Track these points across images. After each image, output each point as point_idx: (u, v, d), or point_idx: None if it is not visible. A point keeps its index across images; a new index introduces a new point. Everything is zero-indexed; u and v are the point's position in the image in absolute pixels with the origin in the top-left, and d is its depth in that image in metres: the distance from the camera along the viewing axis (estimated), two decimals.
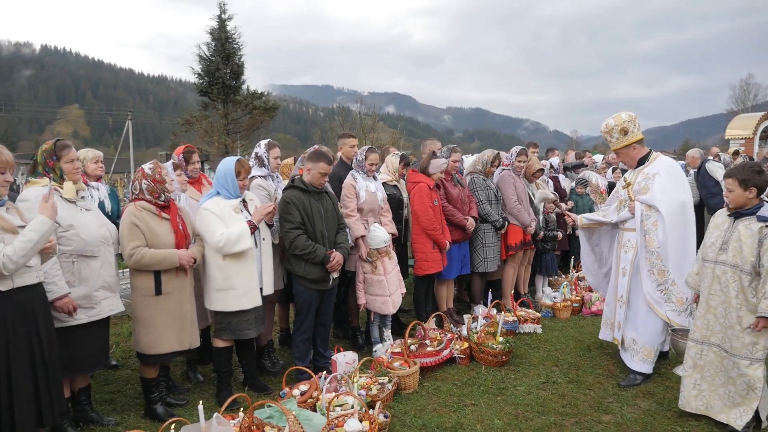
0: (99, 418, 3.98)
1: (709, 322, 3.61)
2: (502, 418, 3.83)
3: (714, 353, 3.60)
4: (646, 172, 4.46)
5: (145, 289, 3.87)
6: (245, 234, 4.02)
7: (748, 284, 3.39)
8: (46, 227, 2.99)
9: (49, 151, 3.58)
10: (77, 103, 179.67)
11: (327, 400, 3.75)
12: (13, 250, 2.85)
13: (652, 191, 4.33)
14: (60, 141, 3.65)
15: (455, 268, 5.69)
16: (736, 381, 3.49)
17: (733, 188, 3.47)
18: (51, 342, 3.21)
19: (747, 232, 3.40)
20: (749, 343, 3.41)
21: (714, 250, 3.58)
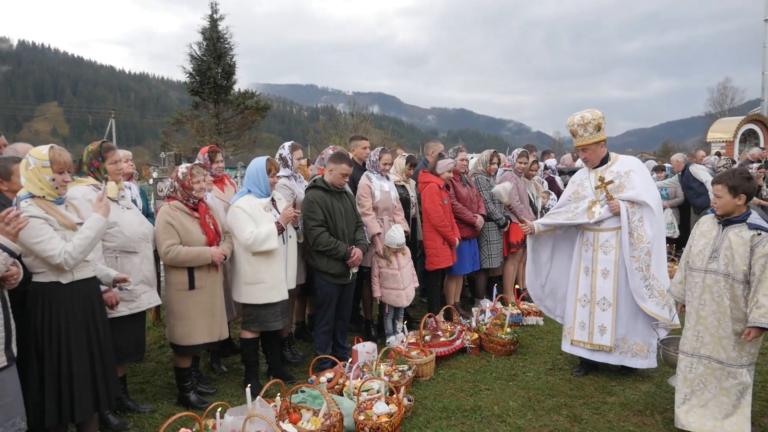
0: (135, 406, 4.21)
1: (699, 333, 3.52)
2: (516, 401, 4.14)
3: (704, 366, 3.51)
4: (616, 171, 4.40)
5: (179, 284, 4.10)
6: (273, 234, 4.26)
7: (741, 293, 3.34)
8: (101, 224, 3.19)
9: (95, 152, 3.79)
10: (56, 100, 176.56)
11: (355, 386, 4.03)
12: (73, 247, 3.06)
13: (633, 188, 4.28)
14: (105, 143, 3.86)
15: (467, 265, 5.99)
16: (730, 391, 3.42)
17: (722, 194, 3.40)
18: (106, 331, 3.41)
19: (738, 240, 3.34)
20: (743, 351, 3.39)
21: (703, 259, 3.49)
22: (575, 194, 4.62)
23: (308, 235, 4.60)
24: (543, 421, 3.84)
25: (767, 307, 3.17)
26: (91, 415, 3.34)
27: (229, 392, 4.51)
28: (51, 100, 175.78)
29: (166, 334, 4.36)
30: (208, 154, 5.08)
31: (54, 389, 3.09)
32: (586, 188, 4.55)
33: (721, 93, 53.94)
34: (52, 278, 3.10)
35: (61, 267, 3.05)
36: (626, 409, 3.98)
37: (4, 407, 2.72)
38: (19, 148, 4.07)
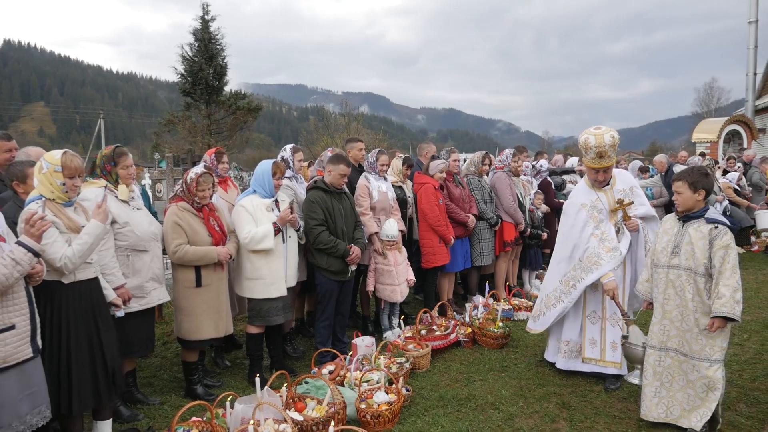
0: (144, 399, 4.39)
1: (665, 327, 3.62)
2: (508, 390, 4.37)
3: (671, 358, 3.61)
4: (622, 189, 4.39)
5: (186, 282, 4.29)
6: (269, 235, 4.46)
7: (703, 286, 3.43)
8: (99, 230, 3.34)
9: (108, 157, 3.97)
10: (43, 100, 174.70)
11: (355, 377, 4.24)
12: (72, 252, 3.20)
13: (642, 204, 4.37)
14: (119, 148, 4.04)
15: (459, 263, 6.22)
16: (696, 384, 3.50)
17: (683, 191, 3.50)
18: (108, 328, 3.53)
19: (698, 234, 3.44)
20: (707, 344, 3.44)
21: (666, 255, 3.59)
22: (594, 218, 4.36)
23: (309, 234, 4.80)
24: (534, 408, 4.07)
25: (727, 297, 3.28)
26: (90, 408, 3.48)
27: (233, 385, 4.69)
28: (37, 100, 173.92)
29: (174, 330, 4.54)
30: (214, 155, 5.27)
31: (54, 382, 3.22)
32: (602, 211, 4.37)
33: (707, 93, 54.76)
34: (54, 277, 3.24)
35: (60, 270, 3.21)
36: (612, 397, 4.22)
37: (31, 396, 2.91)
38: (30, 152, 4.23)
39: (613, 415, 3.91)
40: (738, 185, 9.91)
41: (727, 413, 3.86)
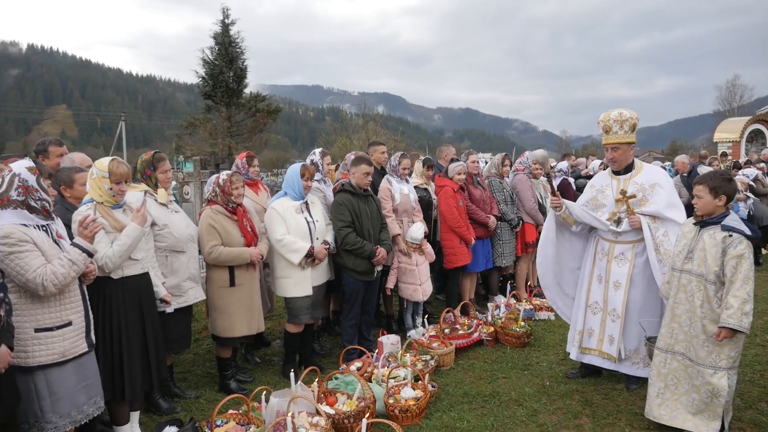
0: (181, 393, 4.60)
1: (674, 331, 3.60)
2: (531, 387, 4.50)
3: (678, 362, 3.58)
4: (640, 183, 4.27)
5: (221, 281, 4.48)
6: (301, 252, 4.64)
7: (713, 294, 3.38)
8: (137, 233, 3.55)
9: (148, 162, 4.18)
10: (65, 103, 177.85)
11: (383, 374, 4.40)
12: (113, 253, 3.44)
13: (655, 203, 4.18)
14: (158, 153, 4.25)
15: (481, 263, 6.35)
16: (700, 389, 3.47)
17: (703, 195, 3.44)
18: (155, 320, 3.82)
19: (711, 241, 3.40)
20: (713, 352, 3.41)
21: (680, 259, 3.57)
22: (594, 200, 4.47)
23: (337, 235, 4.97)
24: (557, 404, 4.19)
25: (735, 308, 3.23)
26: (139, 396, 3.75)
27: (264, 380, 4.87)
28: (60, 103, 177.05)
29: (209, 327, 4.74)
30: (245, 159, 5.47)
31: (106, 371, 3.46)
32: (607, 197, 4.38)
33: (729, 91, 54.02)
34: (104, 273, 3.48)
35: (102, 269, 3.43)
36: (634, 395, 4.31)
37: (87, 387, 3.11)
38: (75, 158, 4.45)
39: (635, 413, 4.01)
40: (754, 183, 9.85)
41: (749, 412, 3.95)
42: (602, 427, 3.84)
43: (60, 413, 2.99)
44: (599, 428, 3.83)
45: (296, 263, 4.67)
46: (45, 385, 2.95)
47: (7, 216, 2.87)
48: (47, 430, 2.96)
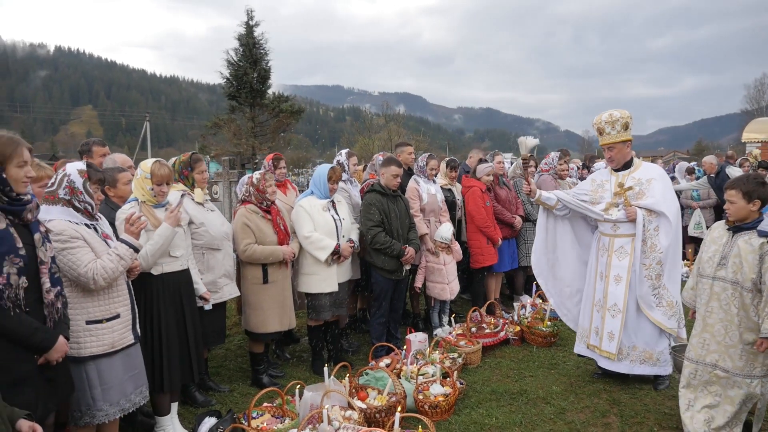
0: (215, 386, 4.75)
1: (705, 341, 3.47)
2: (558, 386, 4.55)
3: (708, 373, 3.46)
4: (637, 178, 4.38)
5: (254, 278, 4.61)
6: (328, 250, 4.76)
7: (750, 301, 3.26)
8: (169, 233, 3.67)
9: (185, 163, 4.33)
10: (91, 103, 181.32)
11: (412, 371, 4.49)
12: (146, 252, 3.57)
13: (652, 196, 4.27)
14: (195, 154, 4.40)
15: (506, 263, 6.40)
16: (735, 400, 3.37)
17: (736, 200, 3.33)
18: (194, 316, 3.96)
19: (747, 247, 3.27)
20: (750, 361, 3.32)
21: (712, 266, 3.43)
22: (593, 192, 4.60)
23: (367, 235, 5.07)
24: (584, 403, 4.24)
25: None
26: (178, 387, 3.90)
27: (295, 375, 4.99)
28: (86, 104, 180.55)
29: (242, 323, 4.88)
30: (272, 161, 5.60)
31: (148, 363, 3.58)
32: (606, 191, 4.53)
33: (758, 89, 52.92)
34: (145, 269, 3.62)
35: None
36: (661, 395, 4.34)
37: (133, 377, 3.26)
38: (117, 158, 4.62)
39: (663, 412, 4.04)
40: None
41: None
42: (630, 426, 3.88)
43: (110, 401, 3.14)
44: (627, 427, 3.87)
45: (323, 260, 4.78)
46: (96, 375, 3.09)
47: (56, 212, 3.02)
48: (98, 417, 3.11)
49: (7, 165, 2.52)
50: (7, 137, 2.55)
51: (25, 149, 2.57)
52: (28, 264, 2.58)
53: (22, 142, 2.60)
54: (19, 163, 2.54)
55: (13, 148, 2.53)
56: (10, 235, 2.53)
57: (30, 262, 2.60)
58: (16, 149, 2.53)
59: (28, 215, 2.62)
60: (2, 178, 2.51)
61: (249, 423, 3.64)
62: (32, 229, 2.64)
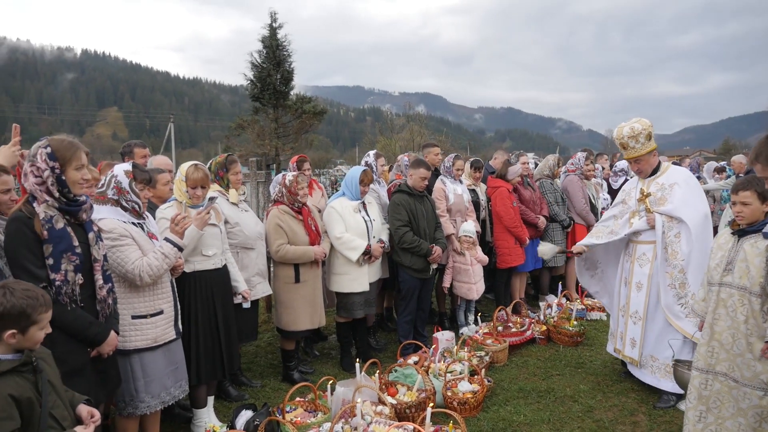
0: (248, 381, 4.89)
1: (714, 350, 3.30)
2: (586, 384, 4.59)
3: (720, 383, 3.25)
4: (660, 183, 4.33)
5: (286, 277, 4.73)
6: (359, 250, 4.87)
7: (759, 307, 3.09)
8: (194, 234, 3.73)
9: (221, 164, 4.47)
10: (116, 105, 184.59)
11: (440, 368, 4.57)
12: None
13: (672, 202, 4.22)
14: (230, 156, 4.53)
15: (530, 263, 6.45)
16: (747, 413, 3.14)
17: (751, 201, 3.17)
18: (227, 313, 4.06)
19: (754, 251, 3.13)
20: (762, 371, 3.08)
21: (718, 272, 3.29)
22: (623, 203, 4.63)
23: (394, 234, 5.16)
24: (612, 402, 4.28)
25: None
26: (214, 380, 4.05)
27: (324, 372, 5.10)
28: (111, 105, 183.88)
29: (274, 321, 5.01)
30: (296, 163, 5.74)
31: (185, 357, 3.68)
32: (631, 198, 4.52)
33: None
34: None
35: None
36: None
37: (175, 371, 3.40)
38: (157, 160, 4.79)
39: None
40: None
41: None
42: (659, 425, 3.91)
43: (151, 393, 3.28)
44: (656, 426, 3.90)
45: (354, 260, 4.89)
46: (140, 368, 3.24)
47: (105, 211, 3.17)
48: (140, 408, 3.26)
49: (67, 168, 2.67)
50: (67, 141, 2.70)
51: (83, 153, 2.73)
52: (83, 261, 2.73)
53: (81, 146, 2.75)
54: (77, 166, 2.69)
55: (72, 152, 2.68)
56: (68, 234, 2.69)
57: (85, 260, 2.75)
58: (75, 153, 2.69)
59: (83, 215, 2.77)
60: (62, 180, 2.66)
61: (283, 416, 3.76)
62: (87, 229, 2.80)
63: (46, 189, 2.67)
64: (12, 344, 2.09)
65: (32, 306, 2.10)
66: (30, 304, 2.09)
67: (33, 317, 2.10)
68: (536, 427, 3.92)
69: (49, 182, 2.66)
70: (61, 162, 2.65)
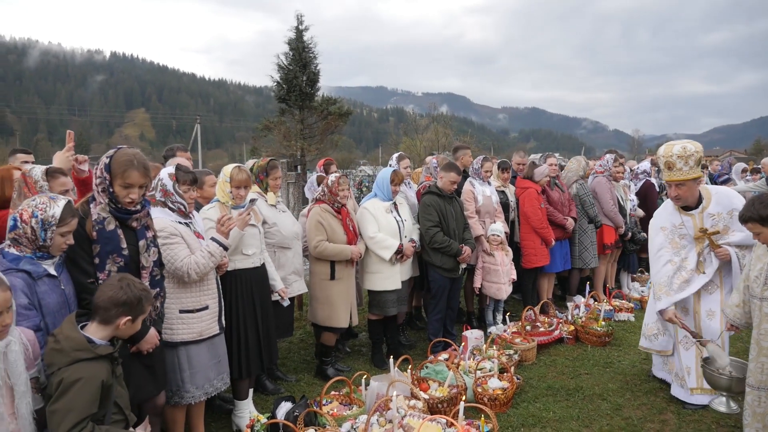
0: (283, 376, 5.07)
1: (763, 365, 3.24)
2: (614, 383, 4.66)
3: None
4: (716, 212, 4.01)
5: (323, 274, 4.90)
6: (392, 249, 5.02)
7: None
8: (236, 234, 3.89)
9: (262, 168, 4.65)
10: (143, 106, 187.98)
11: (470, 365, 4.69)
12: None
13: (742, 230, 3.77)
14: (272, 161, 4.72)
15: (558, 264, 6.52)
16: None
17: (760, 230, 3.16)
18: (266, 309, 4.24)
19: None
20: None
21: (759, 285, 3.24)
22: (673, 243, 4.19)
23: (425, 235, 5.30)
24: (641, 400, 4.34)
25: None
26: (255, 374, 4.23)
27: (356, 368, 5.25)
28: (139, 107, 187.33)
29: (308, 317, 5.18)
30: (323, 166, 5.92)
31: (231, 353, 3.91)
32: (686, 236, 4.13)
33: None
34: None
35: None
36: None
37: (218, 364, 3.59)
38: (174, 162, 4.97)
39: (721, 412, 4.10)
40: None
41: None
42: (688, 424, 3.97)
43: (196, 385, 3.47)
44: (685, 424, 3.96)
45: (387, 259, 5.04)
46: (186, 359, 3.43)
47: (157, 212, 3.36)
48: (186, 398, 3.45)
49: (114, 182, 2.84)
50: (125, 159, 2.85)
51: (135, 172, 2.84)
52: (128, 264, 2.90)
53: (136, 165, 2.85)
54: (123, 184, 2.84)
55: (123, 169, 2.83)
56: (117, 236, 2.87)
57: (131, 263, 2.92)
58: (126, 171, 2.83)
59: (133, 223, 2.95)
60: (110, 192, 2.85)
61: (320, 408, 3.92)
62: (138, 235, 2.97)
63: (99, 193, 2.88)
64: (120, 330, 2.33)
65: (147, 298, 2.38)
66: (146, 296, 2.37)
67: (144, 308, 2.35)
68: (565, 423, 4.02)
69: (100, 189, 2.87)
70: (112, 176, 2.84)
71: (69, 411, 2.22)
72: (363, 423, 3.67)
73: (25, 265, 2.55)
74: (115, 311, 2.39)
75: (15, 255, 2.57)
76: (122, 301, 2.36)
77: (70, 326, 2.35)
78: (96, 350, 2.32)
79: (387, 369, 4.62)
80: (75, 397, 2.23)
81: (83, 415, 2.23)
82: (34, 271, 2.56)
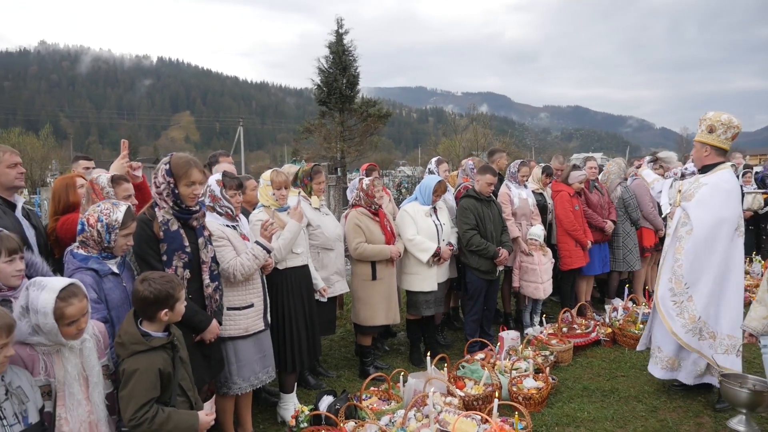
0: (325, 372, 5.29)
1: None
2: (651, 386, 4.69)
3: None
4: (700, 181, 4.28)
5: (364, 275, 5.09)
6: (429, 252, 5.18)
7: None
8: (296, 228, 4.21)
9: (307, 172, 4.89)
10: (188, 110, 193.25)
11: (506, 365, 4.80)
12: (278, 246, 4.09)
13: (687, 199, 4.26)
14: (316, 166, 4.96)
15: (597, 266, 6.54)
16: None
17: None
18: (311, 308, 4.46)
19: None
20: None
21: None
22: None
23: (462, 237, 5.43)
24: (677, 403, 4.37)
25: None
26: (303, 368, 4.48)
27: (394, 366, 5.42)
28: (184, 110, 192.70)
29: (351, 317, 5.39)
30: (366, 171, 6.12)
31: (275, 347, 4.10)
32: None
33: None
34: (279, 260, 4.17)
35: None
36: None
37: (263, 358, 3.82)
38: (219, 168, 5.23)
39: (760, 416, 4.09)
40: None
41: None
42: (724, 427, 3.96)
43: (243, 377, 3.71)
44: (721, 427, 3.97)
45: (424, 261, 5.20)
46: (233, 353, 3.68)
47: (206, 217, 3.62)
48: (233, 389, 3.70)
49: (179, 183, 3.13)
50: (183, 160, 3.16)
51: (195, 170, 3.15)
52: (192, 260, 3.20)
53: (195, 164, 3.17)
54: (187, 183, 3.14)
55: (185, 170, 3.13)
56: (180, 235, 3.16)
57: (193, 259, 3.22)
58: (188, 171, 3.13)
59: (193, 222, 3.23)
60: (175, 193, 3.13)
61: (360, 402, 4.11)
62: (198, 233, 3.26)
63: (163, 198, 3.16)
64: (164, 321, 2.61)
65: (172, 287, 2.62)
66: (171, 285, 2.61)
67: (176, 295, 2.61)
68: (600, 423, 4.09)
69: (165, 193, 3.15)
70: (176, 178, 3.13)
71: (132, 398, 2.49)
72: (401, 417, 3.84)
73: (93, 264, 2.85)
74: (150, 309, 2.61)
75: (84, 255, 2.87)
76: (151, 300, 2.58)
77: (129, 322, 2.61)
78: (150, 343, 2.56)
79: (424, 367, 4.77)
80: (136, 386, 2.49)
81: (145, 400, 2.49)
82: (101, 270, 2.86)
